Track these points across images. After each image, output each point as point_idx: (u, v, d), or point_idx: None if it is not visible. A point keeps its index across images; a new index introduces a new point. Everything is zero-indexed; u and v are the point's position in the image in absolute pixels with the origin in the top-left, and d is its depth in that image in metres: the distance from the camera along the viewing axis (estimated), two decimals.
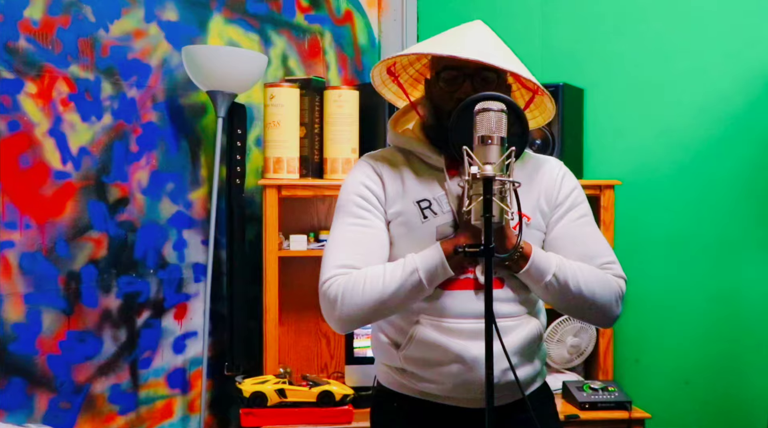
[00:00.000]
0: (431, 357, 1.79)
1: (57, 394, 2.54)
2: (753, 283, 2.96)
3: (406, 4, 3.36)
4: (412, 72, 1.96)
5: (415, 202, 1.79)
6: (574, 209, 1.85)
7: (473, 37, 1.80)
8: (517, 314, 1.80)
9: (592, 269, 1.79)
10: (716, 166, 3.00)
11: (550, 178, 1.86)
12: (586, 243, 1.83)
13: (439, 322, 1.77)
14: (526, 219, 1.79)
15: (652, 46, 3.08)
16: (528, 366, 1.83)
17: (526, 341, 1.80)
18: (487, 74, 1.77)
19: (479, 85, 1.76)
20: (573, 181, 1.89)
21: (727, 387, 2.99)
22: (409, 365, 1.82)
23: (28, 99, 2.47)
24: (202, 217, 2.91)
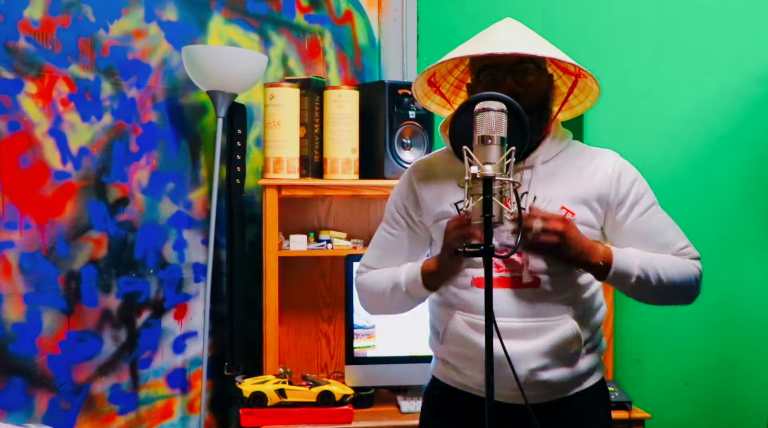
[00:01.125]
0: (465, 352, 1.83)
1: (57, 394, 2.54)
2: (753, 283, 2.96)
3: (406, 4, 3.36)
4: (453, 80, 1.98)
5: (452, 203, 1.82)
6: (638, 204, 1.85)
7: (504, 32, 1.83)
8: (550, 314, 1.79)
9: (670, 258, 1.83)
10: (716, 166, 3.00)
11: (604, 175, 1.84)
12: (657, 235, 1.85)
13: (472, 319, 1.81)
14: (571, 214, 1.79)
15: (652, 47, 3.08)
16: (562, 369, 1.82)
17: (557, 342, 1.79)
18: (525, 66, 1.78)
19: (520, 77, 1.78)
20: (631, 175, 1.88)
21: (727, 387, 2.99)
22: (449, 357, 1.89)
23: (28, 99, 2.47)
24: (202, 217, 2.91)
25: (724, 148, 2.99)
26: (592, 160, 1.88)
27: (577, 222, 1.79)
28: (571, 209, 1.80)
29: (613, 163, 1.87)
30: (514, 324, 1.77)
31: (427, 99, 1.98)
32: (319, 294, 3.07)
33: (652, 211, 1.87)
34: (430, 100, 1.98)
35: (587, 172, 1.84)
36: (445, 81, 1.97)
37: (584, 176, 1.84)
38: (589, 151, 1.93)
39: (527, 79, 1.79)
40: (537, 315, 1.78)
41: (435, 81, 1.95)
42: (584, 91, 1.94)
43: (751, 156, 2.96)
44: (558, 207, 1.80)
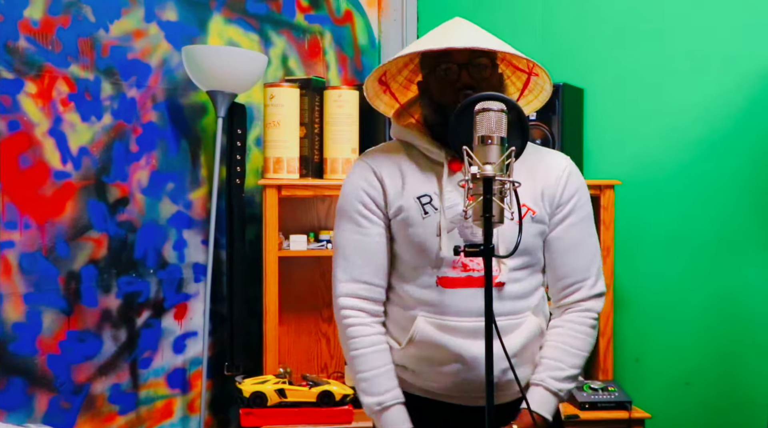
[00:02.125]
0: (431, 355, 1.80)
1: (57, 394, 2.54)
2: (753, 283, 2.96)
3: (406, 4, 3.36)
4: (401, 80, 1.97)
5: (415, 197, 1.80)
6: (575, 212, 1.85)
7: (459, 29, 1.83)
8: (517, 312, 1.81)
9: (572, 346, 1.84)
10: (716, 166, 3.00)
11: (555, 175, 1.85)
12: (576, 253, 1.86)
13: (439, 320, 1.78)
14: (532, 212, 1.80)
15: (652, 46, 3.08)
16: (528, 366, 1.84)
17: (526, 340, 1.81)
18: (479, 62, 1.79)
19: (474, 72, 1.78)
20: (577, 181, 1.88)
21: (727, 387, 2.99)
22: (411, 363, 1.84)
23: (28, 99, 2.47)
24: (202, 217, 2.91)
25: (723, 147, 2.99)
26: (543, 158, 1.88)
27: (536, 221, 1.80)
28: (531, 207, 1.81)
29: (565, 164, 1.89)
30: (478, 324, 1.71)
31: (377, 99, 1.95)
32: (319, 294, 3.06)
33: (584, 225, 1.87)
34: (379, 100, 1.96)
35: (540, 170, 1.85)
36: (394, 80, 1.96)
37: (538, 174, 1.84)
38: (540, 150, 1.93)
39: (482, 74, 1.79)
40: (505, 314, 1.77)
41: (385, 80, 1.94)
42: (533, 91, 1.94)
43: (750, 155, 2.96)
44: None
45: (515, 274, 1.80)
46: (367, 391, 1.82)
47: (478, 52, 1.78)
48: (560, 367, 1.83)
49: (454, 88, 1.77)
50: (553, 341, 1.86)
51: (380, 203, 1.83)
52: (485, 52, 1.80)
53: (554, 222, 1.85)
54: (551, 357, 1.85)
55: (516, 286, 1.81)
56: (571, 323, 1.86)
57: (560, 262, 1.86)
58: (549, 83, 1.87)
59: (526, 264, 1.82)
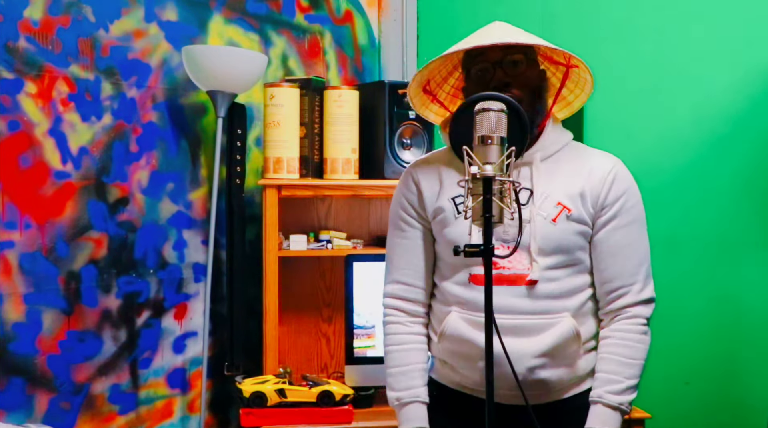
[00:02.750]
0: (462, 350, 1.84)
1: (57, 394, 2.54)
2: (753, 283, 2.96)
3: (406, 4, 3.35)
4: (449, 89, 1.99)
5: (450, 199, 1.84)
6: (621, 215, 1.84)
7: (493, 29, 1.86)
8: (552, 312, 1.80)
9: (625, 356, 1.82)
10: (716, 166, 3.00)
11: (601, 175, 1.84)
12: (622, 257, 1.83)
13: (470, 316, 1.81)
14: (567, 210, 1.80)
15: (652, 47, 3.08)
16: (561, 369, 1.82)
17: (557, 341, 1.80)
18: (513, 58, 1.81)
19: (509, 69, 1.80)
20: (625, 183, 1.87)
21: (727, 387, 2.99)
22: (446, 356, 1.89)
23: (28, 99, 2.47)
24: (202, 217, 2.91)
25: (723, 148, 2.99)
26: (591, 159, 1.89)
27: (572, 219, 1.81)
28: (567, 205, 1.81)
29: (612, 166, 1.88)
30: (513, 322, 1.78)
31: (425, 108, 1.99)
32: (319, 294, 3.07)
33: (631, 229, 1.85)
34: (427, 109, 1.99)
35: (584, 170, 1.85)
36: (440, 89, 1.98)
37: (581, 174, 1.85)
38: (589, 151, 1.94)
39: (516, 70, 1.81)
40: (537, 313, 1.78)
41: (431, 89, 1.95)
42: (578, 84, 1.95)
43: (751, 155, 2.96)
44: (555, 202, 1.81)
45: (550, 273, 1.80)
46: (391, 386, 1.91)
47: (512, 50, 1.80)
48: (617, 380, 1.81)
49: (490, 87, 1.78)
50: (606, 353, 1.84)
51: (417, 207, 1.91)
52: (519, 49, 1.81)
53: (599, 223, 1.83)
54: (606, 370, 1.82)
55: (551, 285, 1.80)
56: (621, 332, 1.83)
57: (605, 265, 1.84)
58: (589, 74, 1.88)
59: (564, 263, 1.81)
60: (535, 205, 1.80)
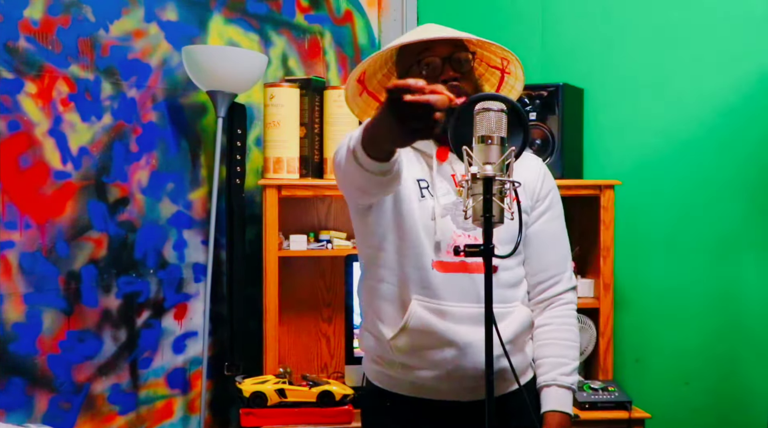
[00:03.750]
0: (424, 342, 1.80)
1: (57, 394, 2.54)
2: (753, 283, 2.96)
3: (406, 4, 3.35)
4: (375, 83, 1.97)
5: (415, 179, 1.84)
6: (552, 208, 1.93)
7: (435, 27, 1.88)
8: (509, 301, 1.84)
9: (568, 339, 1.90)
10: (716, 165, 3.00)
11: (534, 171, 1.92)
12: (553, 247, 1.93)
13: (435, 305, 1.79)
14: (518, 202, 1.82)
15: (652, 47, 3.08)
16: (519, 356, 1.87)
17: (518, 329, 1.84)
18: (460, 56, 1.84)
19: (456, 66, 1.83)
20: (551, 179, 1.97)
21: (727, 387, 2.99)
22: (402, 355, 1.83)
23: (28, 99, 2.47)
24: (202, 217, 2.91)
25: (723, 147, 2.99)
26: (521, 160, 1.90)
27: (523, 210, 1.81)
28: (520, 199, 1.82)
29: (540, 164, 1.97)
30: (474, 310, 1.78)
31: (353, 102, 1.95)
32: (319, 294, 3.06)
33: (559, 222, 1.95)
34: (354, 103, 1.96)
35: (522, 166, 1.86)
36: (369, 83, 1.96)
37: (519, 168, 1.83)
38: None
39: (463, 67, 1.84)
40: (497, 302, 1.75)
41: (363, 79, 1.94)
42: (503, 90, 1.98)
43: (750, 155, 2.96)
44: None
45: (507, 262, 1.82)
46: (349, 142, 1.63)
47: (459, 47, 1.84)
48: (565, 362, 1.88)
49: (439, 80, 1.79)
50: (547, 339, 1.91)
51: None
52: (464, 48, 1.85)
53: (534, 216, 1.91)
54: (554, 354, 1.89)
55: (508, 274, 1.85)
56: (559, 318, 1.92)
57: (540, 255, 1.92)
58: (521, 82, 1.93)
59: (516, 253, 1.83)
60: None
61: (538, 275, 1.92)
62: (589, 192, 2.86)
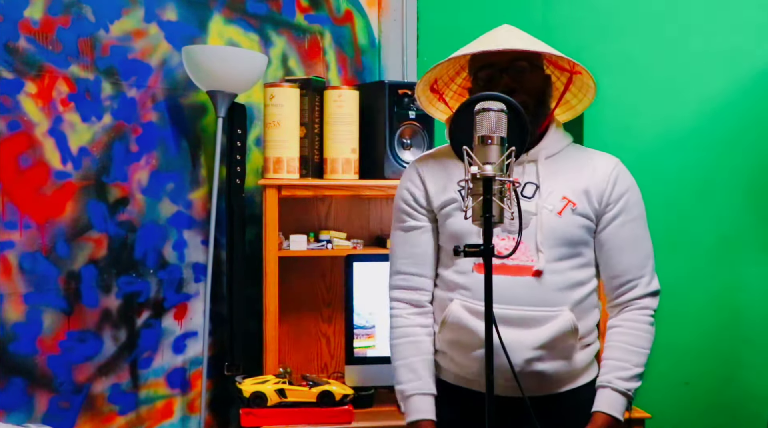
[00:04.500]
0: (461, 339, 1.85)
1: (57, 394, 2.54)
2: (753, 283, 2.96)
3: (406, 4, 3.35)
4: (455, 88, 2.02)
5: (457, 190, 1.87)
6: (626, 212, 1.89)
7: (501, 34, 1.87)
8: (553, 304, 1.82)
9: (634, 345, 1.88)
10: (716, 165, 3.00)
11: (604, 173, 1.90)
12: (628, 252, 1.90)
13: (471, 304, 1.83)
14: (572, 204, 1.84)
15: (652, 46, 3.08)
16: (558, 362, 1.84)
17: (555, 334, 1.82)
18: (519, 64, 1.84)
19: (515, 75, 1.83)
20: (627, 181, 1.93)
21: (727, 387, 2.99)
22: (446, 347, 1.91)
23: (28, 99, 2.48)
24: (202, 217, 2.91)
25: (724, 147, 2.99)
26: (593, 158, 1.94)
27: (577, 213, 1.84)
28: (572, 199, 1.84)
29: (614, 165, 1.93)
30: (515, 313, 1.80)
31: (431, 106, 2.01)
32: (319, 294, 3.06)
33: (636, 224, 1.91)
34: (434, 107, 2.01)
35: (588, 168, 1.90)
36: (448, 88, 2.01)
37: (585, 171, 1.89)
38: (590, 151, 1.99)
39: (522, 76, 1.84)
40: (536, 305, 1.80)
41: (438, 88, 1.97)
42: (582, 89, 1.99)
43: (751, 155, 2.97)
44: (560, 197, 1.85)
45: (554, 265, 1.82)
46: (396, 379, 1.92)
47: (519, 56, 1.83)
48: (625, 367, 1.86)
49: (496, 92, 1.78)
50: (614, 341, 1.89)
51: (421, 200, 1.93)
52: (525, 56, 1.84)
53: (605, 220, 1.88)
54: (615, 357, 1.87)
55: (555, 278, 1.83)
56: (630, 321, 1.89)
57: (614, 261, 1.89)
58: (592, 80, 1.92)
59: (567, 255, 1.84)
60: (541, 198, 1.84)
61: (613, 280, 1.91)
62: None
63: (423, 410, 1.87)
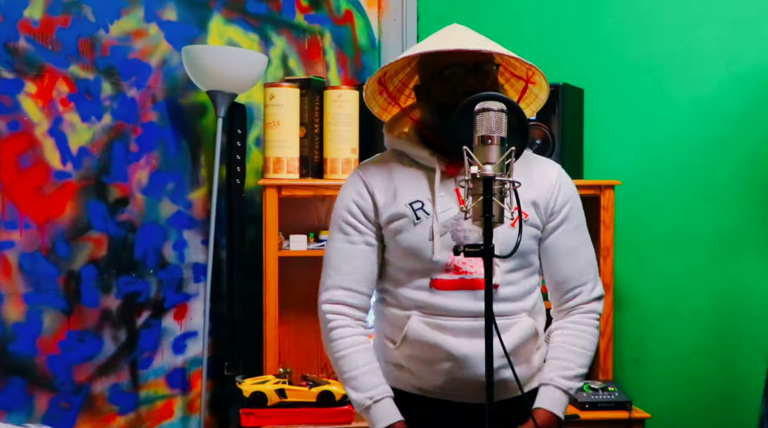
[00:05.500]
0: (423, 354, 1.83)
1: (57, 394, 2.54)
2: (753, 283, 2.96)
3: (406, 4, 3.36)
4: (397, 83, 1.98)
5: (407, 204, 1.83)
6: (570, 219, 1.90)
7: (463, 33, 1.85)
8: (511, 313, 1.83)
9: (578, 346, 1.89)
10: (716, 165, 3.00)
11: (549, 182, 1.89)
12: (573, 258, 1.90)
13: (432, 319, 1.82)
14: (525, 215, 1.82)
15: (652, 46, 3.08)
16: (521, 367, 1.85)
17: (519, 340, 1.84)
18: (484, 67, 1.81)
19: (480, 77, 1.80)
20: (570, 189, 1.92)
21: (727, 386, 2.99)
22: (405, 362, 1.88)
23: (28, 99, 2.47)
24: (202, 217, 2.91)
25: (723, 147, 2.99)
26: (537, 166, 1.92)
27: (529, 224, 1.83)
28: (525, 211, 1.83)
29: (557, 173, 1.92)
30: (474, 324, 1.78)
31: (372, 100, 1.97)
32: None
33: (579, 231, 1.92)
34: (374, 101, 1.97)
35: (534, 178, 1.88)
36: (390, 83, 1.97)
37: (533, 181, 1.87)
38: (532, 158, 1.96)
39: (487, 79, 1.81)
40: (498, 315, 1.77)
41: (384, 80, 1.94)
42: (526, 100, 1.96)
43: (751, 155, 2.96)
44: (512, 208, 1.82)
45: (509, 276, 1.83)
46: (357, 388, 1.85)
47: (484, 58, 1.80)
48: (569, 366, 1.87)
49: (459, 91, 1.77)
50: (559, 342, 1.90)
51: (369, 214, 1.87)
52: (489, 59, 1.82)
53: (549, 228, 1.89)
54: (559, 357, 1.88)
55: (510, 289, 1.84)
56: (575, 324, 1.90)
57: (558, 268, 1.90)
58: (545, 92, 1.91)
59: (520, 266, 1.86)
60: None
61: (559, 286, 1.92)
62: (589, 192, 2.86)
63: (393, 413, 1.83)
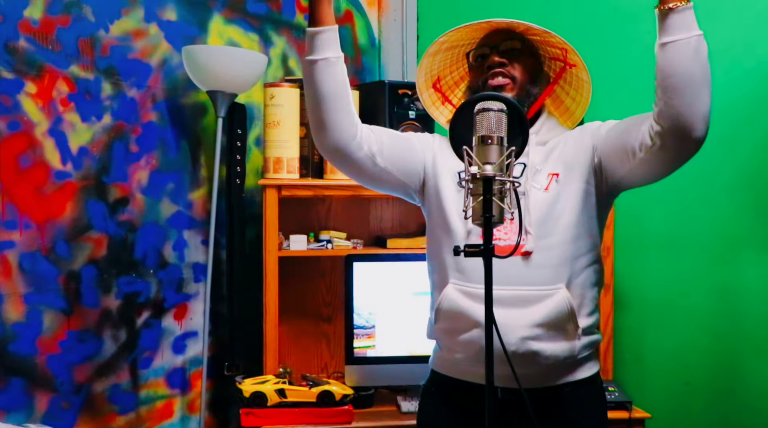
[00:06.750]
0: (457, 325, 1.85)
1: (57, 394, 2.54)
2: (753, 283, 2.96)
3: (406, 4, 3.35)
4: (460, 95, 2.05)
5: (454, 172, 1.89)
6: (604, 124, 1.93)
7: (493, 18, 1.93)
8: (546, 283, 1.81)
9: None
10: (716, 165, 3.00)
11: (569, 134, 1.94)
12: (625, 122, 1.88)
13: (465, 287, 1.83)
14: (556, 176, 1.85)
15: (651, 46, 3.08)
16: (555, 344, 1.81)
17: (549, 315, 1.80)
18: (511, 44, 1.88)
19: (505, 54, 1.87)
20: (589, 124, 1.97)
21: (728, 386, 2.99)
22: (443, 337, 1.91)
23: (28, 99, 2.47)
24: (202, 217, 2.91)
25: (723, 147, 2.99)
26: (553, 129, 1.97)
27: (565, 184, 1.84)
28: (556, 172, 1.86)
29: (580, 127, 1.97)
30: (507, 293, 1.78)
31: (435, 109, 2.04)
32: (319, 294, 3.07)
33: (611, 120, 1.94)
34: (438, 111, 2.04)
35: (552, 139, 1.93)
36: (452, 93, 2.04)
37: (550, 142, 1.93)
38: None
39: (511, 54, 1.88)
40: (531, 284, 1.78)
41: (440, 87, 2.00)
42: (576, 87, 1.98)
43: (751, 155, 2.96)
44: (546, 174, 1.86)
45: (544, 242, 1.81)
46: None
47: (510, 37, 1.89)
48: None
49: (485, 68, 1.85)
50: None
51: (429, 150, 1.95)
52: (517, 37, 1.89)
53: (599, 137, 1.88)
54: None
55: (546, 255, 1.81)
56: None
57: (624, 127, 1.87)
58: (586, 73, 1.94)
59: (557, 230, 1.84)
60: (528, 178, 1.85)
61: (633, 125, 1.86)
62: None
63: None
